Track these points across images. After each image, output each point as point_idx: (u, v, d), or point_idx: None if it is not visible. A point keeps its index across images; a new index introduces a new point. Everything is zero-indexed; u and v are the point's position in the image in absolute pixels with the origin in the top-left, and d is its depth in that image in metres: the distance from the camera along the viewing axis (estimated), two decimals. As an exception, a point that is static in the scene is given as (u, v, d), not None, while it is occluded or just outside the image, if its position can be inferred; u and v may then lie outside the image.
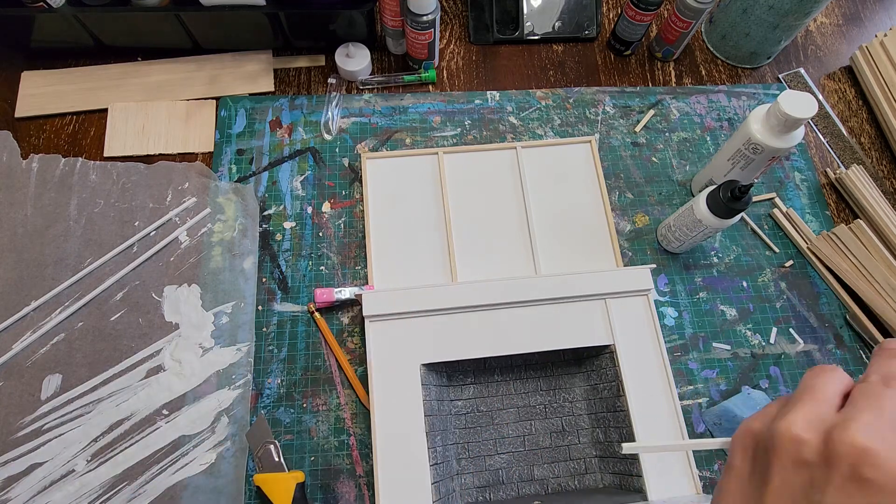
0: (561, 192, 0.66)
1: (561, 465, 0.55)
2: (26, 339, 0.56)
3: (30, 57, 0.71)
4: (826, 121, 0.75)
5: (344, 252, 0.63)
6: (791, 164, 0.71)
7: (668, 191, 0.69)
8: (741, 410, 0.57)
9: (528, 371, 0.59)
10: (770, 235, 0.67)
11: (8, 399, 0.54)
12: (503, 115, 0.71)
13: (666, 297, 0.63)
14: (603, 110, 0.73)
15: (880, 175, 0.72)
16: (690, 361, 0.60)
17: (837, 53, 0.80)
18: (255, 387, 0.57)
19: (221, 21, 0.67)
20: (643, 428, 0.51)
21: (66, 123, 0.68)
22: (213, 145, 0.67)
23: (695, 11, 0.67)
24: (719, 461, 0.56)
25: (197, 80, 0.70)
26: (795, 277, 0.65)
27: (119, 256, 0.60)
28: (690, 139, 0.72)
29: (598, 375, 0.56)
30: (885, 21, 0.83)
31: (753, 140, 0.55)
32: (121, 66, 0.71)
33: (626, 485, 0.52)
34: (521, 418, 0.57)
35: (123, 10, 0.64)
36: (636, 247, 0.65)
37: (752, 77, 0.77)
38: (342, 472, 0.54)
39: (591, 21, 0.77)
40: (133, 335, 0.57)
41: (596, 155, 0.68)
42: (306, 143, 0.68)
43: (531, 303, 0.54)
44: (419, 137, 0.69)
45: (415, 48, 0.69)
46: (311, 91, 0.72)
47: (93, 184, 0.63)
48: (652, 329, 0.54)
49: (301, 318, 0.60)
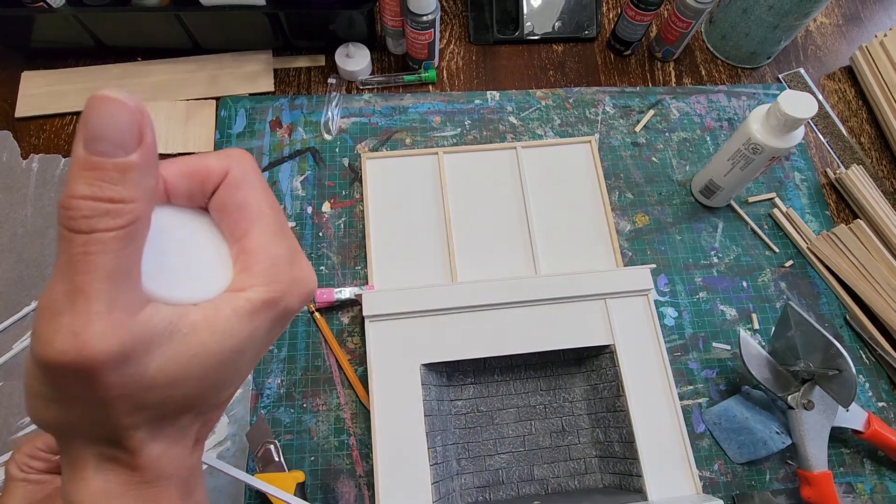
0: (561, 192, 0.66)
1: (561, 465, 0.55)
2: (26, 339, 0.56)
3: (30, 57, 0.71)
4: (826, 121, 0.75)
5: (344, 252, 0.63)
6: (791, 164, 0.71)
7: (668, 191, 0.69)
8: (741, 410, 0.57)
9: (528, 371, 0.59)
10: (770, 235, 0.67)
11: (8, 399, 0.54)
12: (503, 115, 0.71)
13: (666, 297, 0.63)
14: (603, 110, 0.73)
15: (880, 175, 0.72)
16: (690, 361, 0.60)
17: (837, 53, 0.80)
18: (255, 387, 0.57)
19: (221, 21, 0.67)
20: (643, 428, 0.51)
21: (66, 123, 0.68)
22: (213, 145, 0.67)
23: (695, 11, 0.67)
24: (719, 461, 0.56)
25: (197, 80, 0.70)
26: (795, 277, 0.65)
27: (119, 256, 0.60)
28: (690, 139, 0.72)
29: (598, 375, 0.56)
30: (885, 21, 0.83)
31: (753, 140, 0.55)
32: (121, 66, 0.71)
33: (626, 485, 0.52)
34: (521, 418, 0.57)
35: (123, 10, 0.64)
36: (636, 247, 0.65)
37: (752, 77, 0.77)
38: (342, 472, 0.54)
39: (591, 21, 0.77)
40: (133, 335, 0.57)
41: (596, 155, 0.68)
42: (306, 143, 0.68)
43: (531, 303, 0.54)
44: (419, 137, 0.69)
45: (415, 48, 0.69)
46: (311, 91, 0.72)
47: (93, 184, 0.63)
48: (652, 329, 0.54)
49: (301, 318, 0.60)
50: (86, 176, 0.15)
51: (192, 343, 0.18)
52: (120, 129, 0.15)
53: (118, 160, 0.15)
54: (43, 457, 0.32)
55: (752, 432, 0.56)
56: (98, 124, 0.15)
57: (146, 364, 0.17)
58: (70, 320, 0.15)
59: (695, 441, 0.57)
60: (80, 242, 0.15)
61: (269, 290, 0.20)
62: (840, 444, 0.58)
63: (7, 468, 0.32)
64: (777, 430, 0.56)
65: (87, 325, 0.15)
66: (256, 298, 0.19)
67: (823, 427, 0.52)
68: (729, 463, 0.56)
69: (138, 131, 0.16)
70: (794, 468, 0.57)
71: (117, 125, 0.15)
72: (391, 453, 0.48)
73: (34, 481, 0.32)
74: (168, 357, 0.17)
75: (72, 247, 0.15)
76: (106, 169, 0.15)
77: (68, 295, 0.15)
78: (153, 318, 0.17)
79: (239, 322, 0.19)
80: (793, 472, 0.57)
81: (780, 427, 0.56)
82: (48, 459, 0.32)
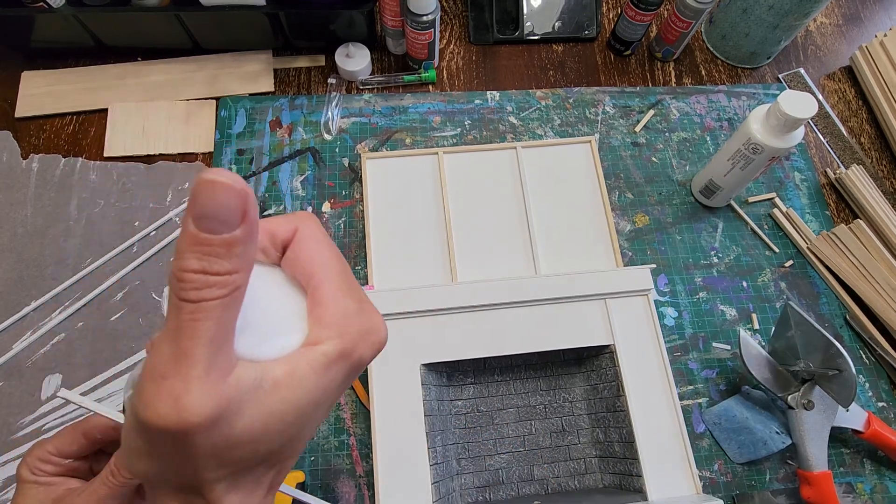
0: (561, 192, 0.66)
1: (561, 465, 0.55)
2: (26, 339, 0.57)
3: (30, 57, 0.71)
4: (826, 121, 0.75)
5: (344, 252, 0.63)
6: (791, 164, 0.71)
7: (668, 191, 0.69)
8: (741, 410, 0.57)
9: (528, 371, 0.59)
10: (770, 235, 0.67)
11: (8, 399, 0.54)
12: (503, 115, 0.71)
13: (666, 297, 0.63)
14: (603, 110, 0.73)
15: (880, 175, 0.72)
16: (690, 361, 0.60)
17: (837, 53, 0.80)
18: (255, 387, 0.57)
19: (221, 21, 0.67)
20: (643, 428, 0.51)
21: (66, 123, 0.68)
22: (213, 145, 0.67)
23: (695, 11, 0.67)
24: (719, 461, 0.56)
25: (197, 80, 0.70)
26: (795, 277, 0.65)
27: (119, 256, 0.60)
28: (690, 139, 0.72)
29: (598, 375, 0.56)
30: (885, 21, 0.83)
31: (753, 140, 0.55)
32: (121, 66, 0.71)
33: (626, 485, 0.52)
34: (521, 418, 0.57)
35: (123, 10, 0.64)
36: (636, 247, 0.65)
37: (752, 77, 0.77)
38: (342, 472, 0.54)
39: (591, 21, 0.77)
40: (133, 335, 0.57)
41: (596, 155, 0.68)
42: (306, 143, 0.68)
43: (531, 303, 0.54)
44: (419, 137, 0.69)
45: (415, 48, 0.69)
46: (311, 91, 0.72)
47: (93, 184, 0.63)
48: (652, 329, 0.54)
49: (301, 318, 0.60)
50: (195, 250, 0.17)
51: (275, 400, 0.19)
52: (226, 209, 0.17)
53: (224, 236, 0.17)
54: (54, 460, 0.33)
55: (752, 432, 0.56)
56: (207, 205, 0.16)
57: (234, 423, 0.18)
58: (172, 384, 0.17)
59: (695, 441, 0.57)
60: (188, 310, 0.17)
61: (343, 342, 0.20)
62: (840, 444, 0.58)
63: (18, 472, 0.33)
64: (777, 430, 0.56)
65: (187, 390, 0.17)
66: (331, 352, 0.20)
67: (823, 427, 0.52)
68: (729, 463, 0.56)
69: (242, 210, 0.17)
70: (794, 468, 0.57)
71: (224, 205, 0.17)
72: (391, 453, 0.48)
73: (45, 483, 0.33)
74: (253, 416, 0.18)
75: (181, 313, 0.17)
76: (213, 244, 0.17)
77: (174, 358, 0.17)
78: (241, 377, 0.18)
79: (316, 376, 0.20)
80: (793, 472, 0.57)
81: (780, 427, 0.56)
82: (58, 463, 0.33)
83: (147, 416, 0.17)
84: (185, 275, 0.17)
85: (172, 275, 0.17)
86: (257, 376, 0.19)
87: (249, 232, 0.17)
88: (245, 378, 0.18)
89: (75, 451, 0.34)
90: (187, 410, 0.16)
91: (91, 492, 0.31)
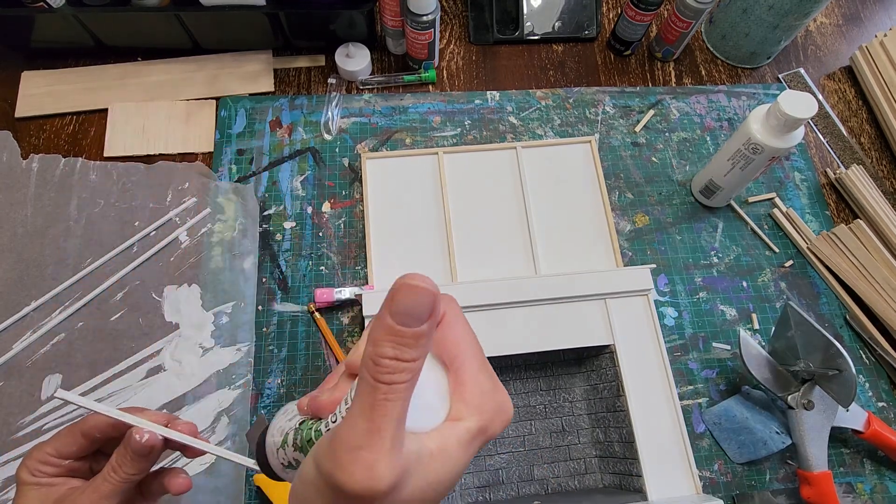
0: (561, 192, 0.66)
1: (561, 465, 0.55)
2: (26, 339, 0.56)
3: (30, 57, 0.71)
4: (826, 121, 0.75)
5: (344, 252, 0.63)
6: (791, 164, 0.71)
7: (668, 191, 0.69)
8: (741, 410, 0.57)
9: (528, 371, 0.59)
10: (770, 235, 0.67)
11: (8, 399, 0.54)
12: (503, 115, 0.71)
13: (666, 297, 0.63)
14: (603, 110, 0.73)
15: (880, 175, 0.72)
16: (690, 361, 0.60)
17: (837, 53, 0.80)
18: (255, 387, 0.57)
19: (221, 21, 0.67)
20: (643, 428, 0.51)
21: (66, 123, 0.68)
22: (213, 145, 0.67)
23: (695, 11, 0.67)
24: (719, 461, 0.57)
25: (197, 80, 0.70)
26: (795, 277, 0.65)
27: (119, 256, 0.60)
28: (690, 139, 0.72)
29: (598, 375, 0.56)
30: (885, 21, 0.83)
31: (753, 140, 0.55)
32: (121, 66, 0.71)
33: (626, 485, 0.52)
34: (521, 418, 0.57)
35: (123, 10, 0.64)
36: (636, 247, 0.65)
37: (752, 77, 0.77)
38: (342, 472, 0.54)
39: (591, 21, 0.77)
40: (133, 335, 0.57)
41: (596, 155, 0.68)
42: (306, 143, 0.68)
43: (531, 303, 0.54)
44: (419, 137, 0.69)
45: (415, 48, 0.69)
46: (311, 91, 0.72)
47: (93, 184, 0.63)
48: (652, 329, 0.54)
49: (301, 319, 0.60)
50: (391, 340, 0.20)
51: (430, 471, 0.21)
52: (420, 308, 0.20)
53: (415, 329, 0.20)
54: (53, 462, 0.34)
55: (752, 432, 0.56)
56: (405, 304, 0.20)
57: (402, 490, 0.20)
58: (367, 455, 0.19)
59: (695, 441, 0.57)
60: (382, 391, 0.20)
61: (482, 419, 0.23)
62: (840, 444, 0.58)
63: (18, 474, 0.33)
64: (777, 430, 0.56)
65: (378, 461, 0.19)
66: (473, 428, 0.23)
67: (823, 427, 0.52)
68: (729, 463, 0.56)
69: (431, 309, 0.20)
70: (794, 468, 0.57)
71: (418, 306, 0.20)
72: (391, 453, 0.48)
73: (45, 485, 0.33)
74: (415, 484, 0.21)
75: (376, 393, 0.20)
76: (406, 336, 0.20)
77: (368, 432, 0.19)
78: (409, 449, 0.21)
79: (461, 449, 0.22)
80: (793, 472, 0.57)
81: (780, 427, 0.56)
82: (58, 464, 0.34)
83: (343, 479, 0.19)
84: (381, 360, 0.20)
85: (369, 358, 0.20)
86: (417, 448, 0.21)
87: (433, 326, 0.21)
88: (411, 450, 0.21)
89: (75, 452, 0.34)
90: (378, 479, 0.19)
91: (94, 489, 0.32)
